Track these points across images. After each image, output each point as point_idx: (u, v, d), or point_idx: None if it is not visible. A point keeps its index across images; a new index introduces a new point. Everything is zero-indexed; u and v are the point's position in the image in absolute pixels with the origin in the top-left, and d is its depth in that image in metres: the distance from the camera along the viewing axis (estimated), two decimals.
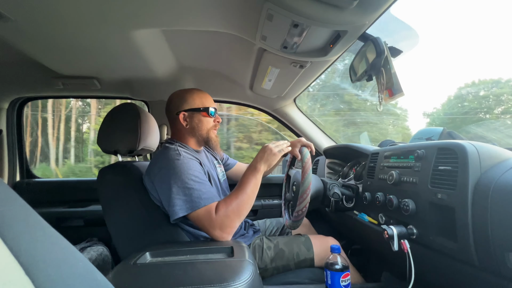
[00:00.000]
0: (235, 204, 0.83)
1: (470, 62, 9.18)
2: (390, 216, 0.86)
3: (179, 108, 0.99)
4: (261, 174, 0.91)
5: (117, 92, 1.57)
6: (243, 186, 0.87)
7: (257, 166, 0.90)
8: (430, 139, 1.04)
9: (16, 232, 0.25)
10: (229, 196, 0.86)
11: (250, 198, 0.87)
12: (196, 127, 1.00)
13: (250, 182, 0.88)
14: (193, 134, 1.01)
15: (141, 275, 0.61)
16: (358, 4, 0.66)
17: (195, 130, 1.00)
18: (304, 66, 1.04)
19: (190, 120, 1.00)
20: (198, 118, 1.00)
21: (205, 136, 1.01)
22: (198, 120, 1.00)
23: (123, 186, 0.90)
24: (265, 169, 0.92)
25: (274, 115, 1.76)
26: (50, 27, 0.85)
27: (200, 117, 1.00)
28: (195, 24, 0.89)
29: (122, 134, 0.97)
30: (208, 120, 1.01)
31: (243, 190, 0.86)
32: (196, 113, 0.99)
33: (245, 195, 0.86)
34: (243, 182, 0.89)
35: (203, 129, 1.00)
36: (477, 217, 0.58)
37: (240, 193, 0.86)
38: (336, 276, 0.81)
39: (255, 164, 0.91)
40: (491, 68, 5.80)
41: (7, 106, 1.60)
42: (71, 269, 0.28)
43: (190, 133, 1.01)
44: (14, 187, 1.64)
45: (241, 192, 0.86)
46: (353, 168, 1.31)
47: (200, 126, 1.00)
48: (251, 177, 0.89)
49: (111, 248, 1.49)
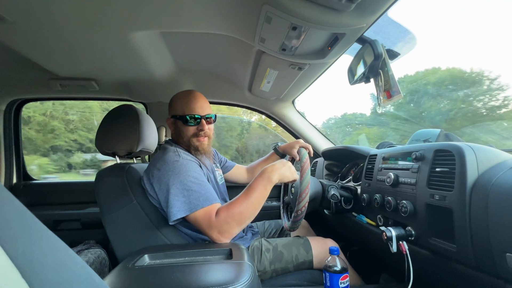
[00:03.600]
0: (237, 211, 0.80)
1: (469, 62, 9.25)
2: (389, 217, 0.86)
3: (169, 112, 1.01)
4: (271, 186, 0.84)
5: (116, 94, 1.57)
6: (249, 194, 0.82)
7: (271, 176, 0.84)
8: (427, 140, 1.04)
9: (13, 235, 0.24)
10: (233, 201, 0.82)
11: (255, 208, 0.82)
12: (180, 133, 0.99)
13: (258, 190, 0.83)
14: (180, 140, 1.00)
15: (139, 278, 0.60)
16: (356, 7, 0.66)
17: (178, 137, 1.00)
18: (302, 68, 1.05)
19: (174, 126, 1.00)
20: (180, 125, 0.98)
21: (187, 144, 0.98)
22: (180, 127, 0.98)
23: (121, 188, 0.90)
24: (276, 182, 0.85)
25: (273, 117, 1.76)
26: (48, 29, 0.85)
27: (180, 125, 0.97)
28: (193, 26, 0.89)
29: (120, 136, 0.97)
30: (188, 128, 0.97)
31: (248, 198, 0.81)
32: (178, 120, 0.98)
33: (250, 203, 0.81)
34: (251, 189, 0.83)
35: (184, 137, 0.98)
36: (474, 218, 0.58)
37: (245, 200, 0.81)
38: (335, 278, 0.80)
39: (269, 174, 0.85)
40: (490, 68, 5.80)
41: (4, 108, 1.59)
42: (69, 272, 0.27)
43: (178, 139, 1.01)
44: (11, 189, 1.62)
45: (246, 199, 0.81)
46: (351, 170, 1.31)
47: (180, 134, 0.98)
48: (260, 186, 0.83)
49: (109, 250, 1.48)
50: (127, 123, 0.98)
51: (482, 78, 1.94)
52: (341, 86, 2.49)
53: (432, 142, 1.00)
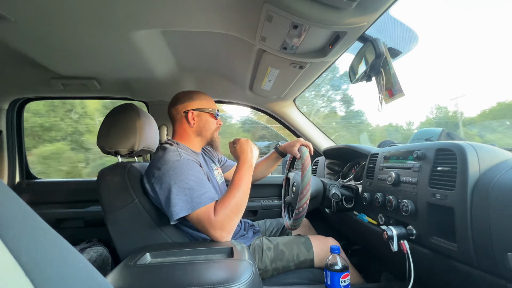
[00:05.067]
0: (233, 203, 0.84)
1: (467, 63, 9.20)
2: (390, 216, 0.86)
3: (187, 107, 1.01)
4: (251, 166, 0.94)
5: (117, 93, 1.57)
6: (238, 184, 0.89)
7: (252, 162, 0.94)
8: (429, 139, 1.04)
9: (16, 233, 0.25)
10: (225, 196, 0.87)
11: (246, 195, 0.89)
12: (203, 127, 1.02)
13: (245, 178, 0.90)
14: (198, 134, 1.03)
15: (141, 276, 0.61)
16: (358, 5, 0.66)
17: (202, 130, 1.03)
18: (303, 66, 1.05)
19: (197, 119, 1.02)
20: (205, 119, 1.03)
21: (210, 137, 1.05)
22: (205, 120, 1.03)
23: (123, 186, 0.90)
24: (255, 158, 0.97)
25: (274, 115, 1.76)
26: (50, 28, 0.85)
27: (208, 118, 1.03)
28: (194, 25, 0.89)
29: (122, 135, 0.97)
30: (213, 121, 1.05)
31: (238, 187, 0.88)
32: (204, 113, 1.02)
33: (242, 192, 0.87)
34: (238, 179, 0.90)
35: (208, 130, 1.03)
36: (476, 217, 0.58)
37: (236, 191, 0.87)
38: (336, 277, 0.81)
39: (249, 160, 0.94)
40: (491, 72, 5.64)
41: (7, 107, 1.60)
42: (71, 270, 0.28)
43: (195, 133, 1.02)
44: (14, 188, 1.64)
45: (237, 190, 0.87)
46: (353, 169, 1.31)
47: (206, 127, 1.03)
48: (246, 174, 0.91)
49: (111, 248, 1.49)
50: (129, 122, 0.99)
51: None
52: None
53: (434, 141, 0.99)
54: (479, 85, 3.85)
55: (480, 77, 4.32)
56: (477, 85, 3.90)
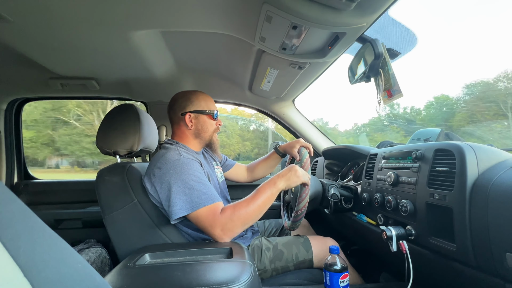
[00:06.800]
0: (243, 211, 0.82)
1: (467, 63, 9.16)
2: (389, 216, 0.86)
3: (185, 108, 0.99)
4: (278, 191, 0.88)
5: (116, 93, 1.57)
6: (256, 197, 0.85)
7: (277, 182, 0.87)
8: (428, 140, 1.04)
9: (14, 234, 0.24)
10: (240, 202, 0.85)
11: (260, 210, 0.85)
12: (201, 128, 1.01)
13: (264, 194, 0.86)
14: (197, 136, 1.02)
15: (140, 277, 0.61)
16: (357, 6, 0.66)
17: (200, 131, 1.01)
18: (302, 67, 1.05)
19: (195, 121, 1.01)
20: (203, 120, 1.01)
21: (208, 139, 1.03)
22: (203, 122, 1.01)
23: (122, 187, 0.90)
24: (283, 188, 0.88)
25: (273, 116, 1.76)
26: (48, 28, 0.85)
27: (205, 119, 1.02)
28: (194, 26, 0.89)
29: (121, 135, 0.97)
30: (212, 122, 1.03)
31: (255, 200, 0.84)
32: (202, 115, 1.01)
33: (256, 205, 0.83)
34: (258, 192, 0.86)
35: (207, 131, 1.02)
36: (475, 217, 0.58)
37: (252, 202, 0.84)
38: (335, 277, 0.81)
39: (275, 179, 0.88)
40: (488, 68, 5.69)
41: (5, 107, 1.60)
42: (70, 271, 0.28)
43: (193, 135, 1.02)
44: (12, 188, 1.63)
45: (252, 201, 0.84)
46: (352, 169, 1.31)
47: (204, 129, 1.02)
48: (267, 190, 0.86)
49: (110, 249, 1.48)
50: (128, 122, 0.99)
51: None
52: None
53: (433, 142, 1.00)
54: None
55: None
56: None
